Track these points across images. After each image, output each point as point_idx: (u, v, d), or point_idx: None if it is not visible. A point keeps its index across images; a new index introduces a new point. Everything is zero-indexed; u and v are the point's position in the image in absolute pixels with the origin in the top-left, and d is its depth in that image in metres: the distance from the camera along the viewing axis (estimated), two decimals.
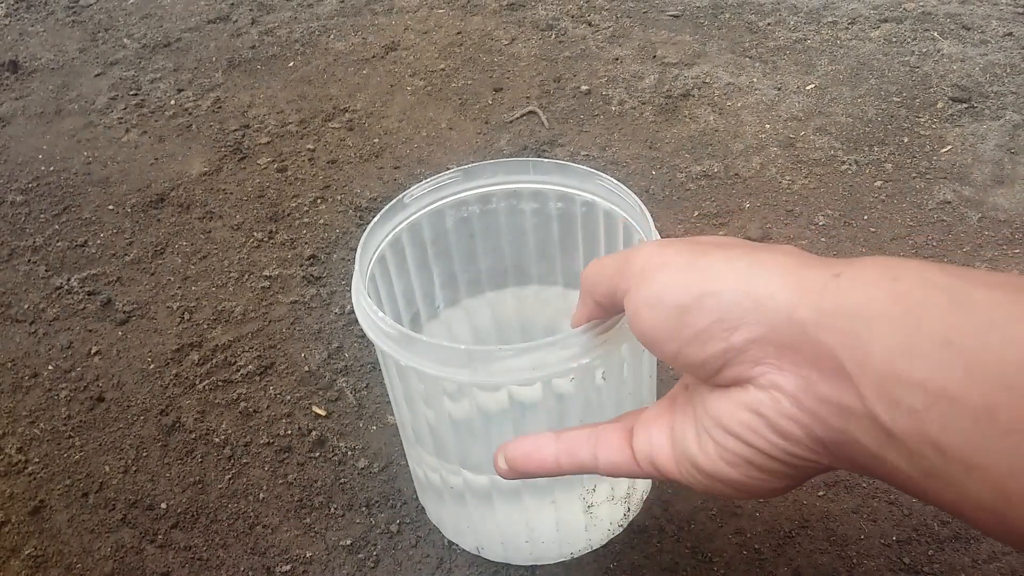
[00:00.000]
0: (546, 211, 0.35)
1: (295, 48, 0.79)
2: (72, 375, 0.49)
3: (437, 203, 0.34)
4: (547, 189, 0.34)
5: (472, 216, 0.35)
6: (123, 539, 0.40)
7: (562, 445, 0.24)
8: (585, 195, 0.34)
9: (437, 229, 0.35)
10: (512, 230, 0.36)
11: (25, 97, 0.75)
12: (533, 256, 0.38)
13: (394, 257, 0.33)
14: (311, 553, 0.38)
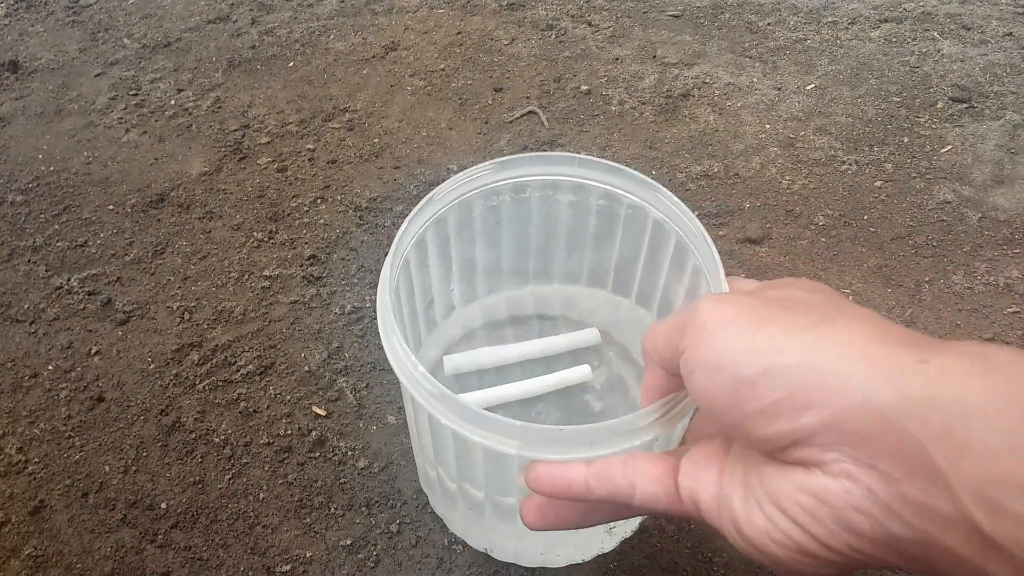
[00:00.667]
0: (586, 205, 0.33)
1: (295, 48, 0.79)
2: (72, 375, 0.49)
3: (467, 194, 0.32)
4: (592, 185, 0.32)
5: (502, 204, 0.33)
6: (123, 539, 0.40)
7: (594, 469, 0.21)
8: (633, 198, 0.32)
9: (463, 219, 0.33)
10: (544, 218, 0.34)
11: (25, 97, 0.75)
12: (562, 246, 0.35)
13: (417, 255, 0.32)
14: (311, 553, 0.38)
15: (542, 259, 0.36)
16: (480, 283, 0.37)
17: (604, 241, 0.34)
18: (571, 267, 0.37)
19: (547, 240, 0.35)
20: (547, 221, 0.34)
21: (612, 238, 0.34)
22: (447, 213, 0.31)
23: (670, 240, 0.31)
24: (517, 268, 0.37)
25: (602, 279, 0.37)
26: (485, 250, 0.35)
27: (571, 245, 0.35)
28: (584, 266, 0.36)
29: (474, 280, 0.37)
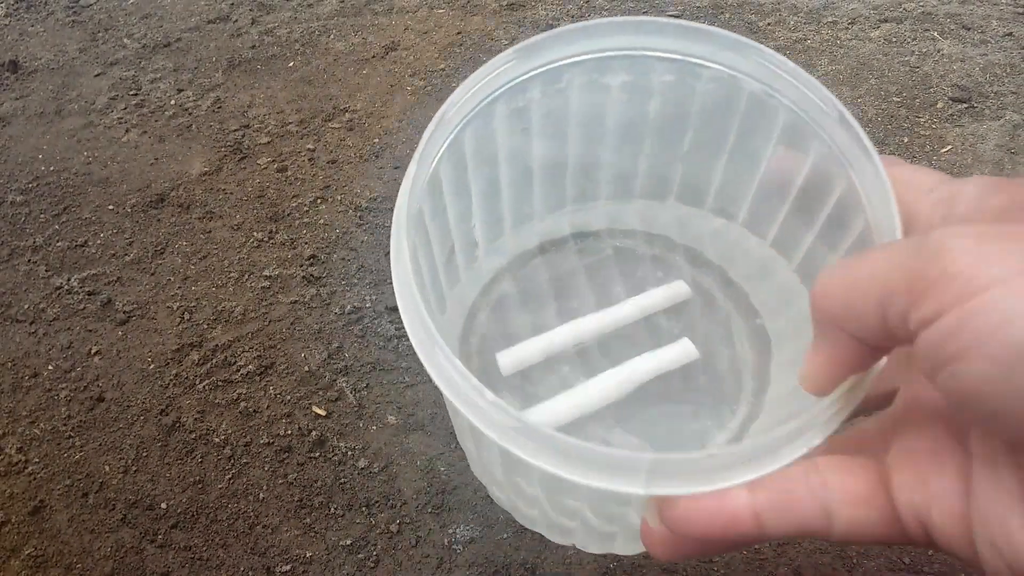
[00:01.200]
0: (644, 85, 0.23)
1: (295, 48, 0.79)
2: (72, 375, 0.49)
3: (485, 100, 0.23)
4: (650, 56, 0.22)
5: (530, 103, 0.24)
6: (123, 539, 0.40)
7: (764, 496, 0.14)
8: (722, 67, 0.22)
9: (481, 133, 0.24)
10: (585, 111, 0.24)
11: (25, 97, 0.75)
12: (610, 147, 0.25)
13: (430, 201, 0.23)
14: (311, 553, 0.38)
15: (584, 169, 0.27)
16: (507, 211, 0.27)
17: (669, 133, 0.25)
18: (623, 173, 0.26)
19: (590, 142, 0.25)
20: (590, 117, 0.25)
21: (682, 128, 0.24)
22: (462, 132, 0.23)
23: (776, 121, 0.21)
24: (552, 184, 0.27)
25: (665, 186, 0.27)
26: (510, 165, 0.26)
27: (623, 143, 0.26)
28: (639, 169, 0.26)
29: (499, 207, 0.27)
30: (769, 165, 0.23)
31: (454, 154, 0.23)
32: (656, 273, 0.27)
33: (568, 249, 0.28)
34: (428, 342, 0.18)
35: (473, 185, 0.25)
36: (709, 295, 0.26)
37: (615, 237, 0.28)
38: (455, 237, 0.26)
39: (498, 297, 0.27)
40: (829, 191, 0.20)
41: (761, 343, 0.25)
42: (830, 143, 0.20)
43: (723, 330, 0.25)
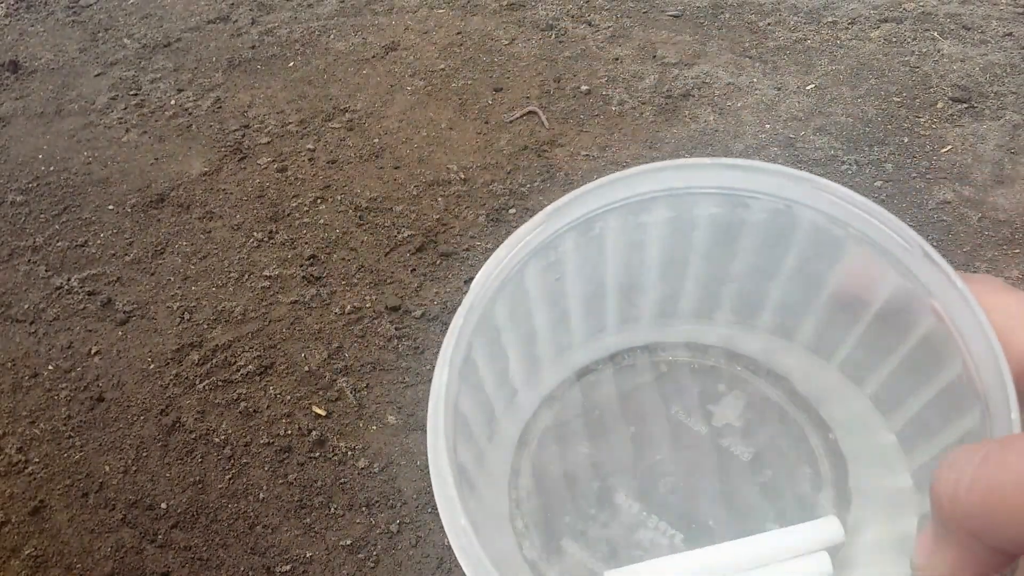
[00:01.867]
0: (687, 218, 0.22)
1: (295, 48, 0.79)
2: (72, 375, 0.49)
3: (513, 270, 0.21)
4: (698, 192, 0.21)
5: (563, 255, 0.23)
6: (123, 539, 0.40)
7: None
8: (775, 198, 0.20)
9: (514, 298, 0.22)
10: (624, 250, 0.23)
11: (25, 97, 0.75)
12: (654, 277, 0.24)
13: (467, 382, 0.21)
14: (311, 553, 0.38)
15: (625, 295, 0.25)
16: (544, 348, 0.25)
17: (718, 257, 0.23)
18: (668, 295, 0.25)
19: (631, 274, 0.24)
20: (629, 252, 0.23)
21: (731, 252, 0.23)
22: (491, 306, 0.21)
23: (841, 250, 0.20)
24: (590, 315, 0.25)
25: (714, 305, 0.25)
26: (547, 313, 0.24)
27: (666, 272, 0.24)
28: (685, 297, 0.25)
29: (536, 350, 0.25)
30: (839, 281, 0.20)
31: (486, 331, 0.21)
32: (717, 386, 0.25)
33: (615, 370, 0.26)
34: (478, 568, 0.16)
35: (508, 346, 0.23)
36: (780, 409, 0.24)
37: (665, 351, 0.25)
38: (493, 399, 0.23)
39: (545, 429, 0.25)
40: (912, 325, 0.18)
41: (837, 462, 0.22)
42: (911, 276, 0.18)
43: (802, 448, 0.23)
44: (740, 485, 0.23)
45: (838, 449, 0.23)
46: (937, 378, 0.18)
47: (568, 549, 0.22)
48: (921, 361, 0.18)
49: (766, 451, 0.23)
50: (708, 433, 0.24)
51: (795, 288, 0.22)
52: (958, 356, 0.16)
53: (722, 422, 0.23)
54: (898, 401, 0.20)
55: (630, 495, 0.23)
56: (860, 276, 0.19)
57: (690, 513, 0.23)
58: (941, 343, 0.17)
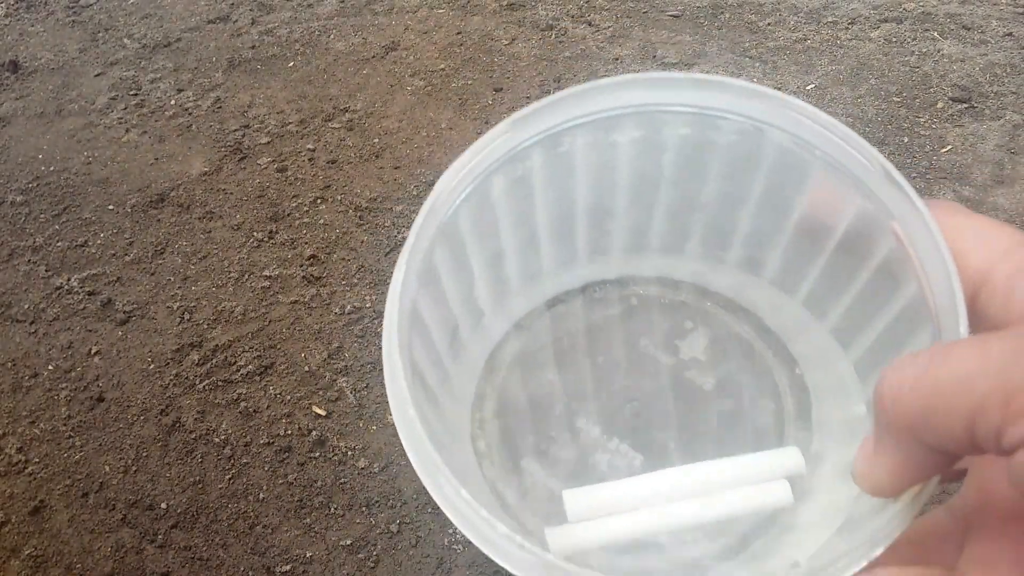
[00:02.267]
0: (657, 140, 0.22)
1: (295, 48, 0.79)
2: (72, 375, 0.49)
3: (480, 178, 0.21)
4: (667, 111, 0.21)
5: (530, 170, 0.23)
6: (123, 539, 0.40)
7: None
8: (745, 119, 0.20)
9: (479, 209, 0.22)
10: (593, 170, 0.23)
11: (25, 97, 0.75)
12: (623, 201, 0.24)
13: (427, 292, 0.21)
14: (311, 553, 0.38)
15: (595, 222, 0.25)
16: (513, 271, 0.26)
17: (687, 185, 0.23)
18: (638, 224, 0.25)
19: (601, 197, 0.24)
20: (598, 173, 0.23)
21: (700, 179, 0.23)
22: (455, 215, 0.21)
23: (808, 172, 0.20)
24: (561, 242, 0.25)
25: (684, 237, 0.25)
26: (514, 232, 0.24)
27: (635, 197, 0.24)
28: (654, 219, 0.25)
29: (504, 272, 0.26)
30: (803, 209, 0.21)
31: (449, 240, 0.21)
32: (685, 323, 0.25)
33: (585, 301, 0.26)
34: (433, 472, 0.16)
35: (473, 261, 0.23)
36: (747, 344, 0.25)
37: (638, 285, 0.26)
38: (458, 315, 0.24)
39: (512, 357, 0.25)
40: (872, 249, 0.19)
41: (801, 395, 0.23)
42: (874, 198, 0.18)
43: (765, 381, 0.24)
44: (702, 413, 0.23)
45: (803, 383, 0.23)
46: (893, 303, 0.18)
47: (528, 469, 0.22)
48: (879, 287, 0.18)
49: (729, 383, 0.23)
50: (674, 365, 0.24)
51: (763, 216, 0.22)
52: (914, 278, 0.16)
53: (688, 356, 0.24)
54: (857, 331, 0.20)
55: (592, 419, 0.23)
56: (825, 200, 0.19)
57: (651, 438, 0.23)
58: (899, 266, 0.17)
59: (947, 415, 0.12)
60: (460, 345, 0.24)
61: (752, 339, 0.24)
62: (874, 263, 0.19)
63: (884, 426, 0.13)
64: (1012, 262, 0.14)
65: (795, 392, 0.23)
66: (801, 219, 0.21)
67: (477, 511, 0.15)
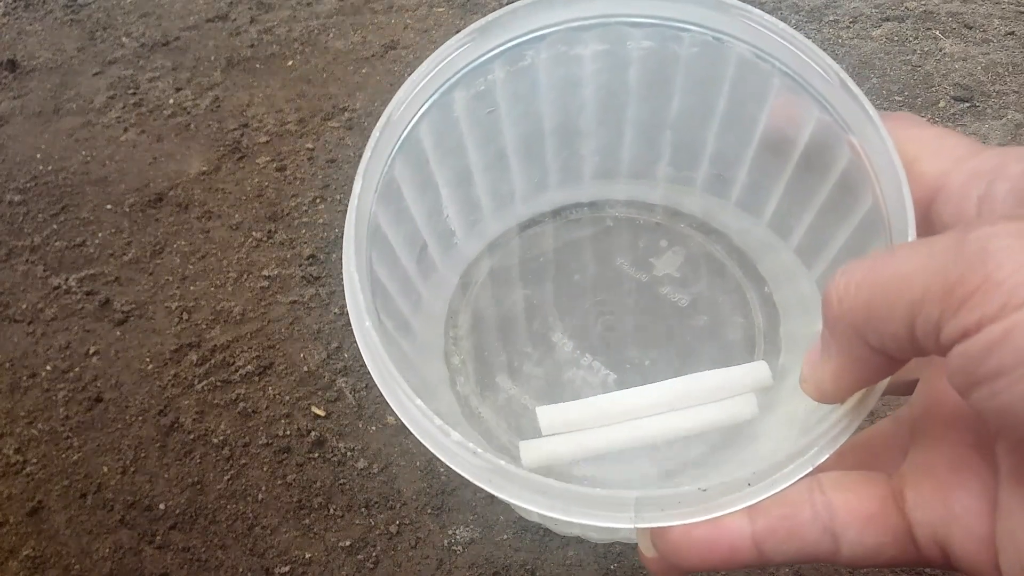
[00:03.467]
0: (620, 53, 0.21)
1: (294, 47, 0.79)
2: (70, 375, 0.49)
3: (439, 91, 0.20)
4: (624, 22, 0.20)
5: (493, 85, 0.21)
6: (121, 540, 0.40)
7: (764, 522, 0.14)
8: (705, 31, 0.19)
9: (441, 125, 0.21)
10: (559, 87, 0.22)
11: (23, 96, 0.75)
12: (590, 120, 0.22)
13: (386, 209, 0.20)
14: (310, 554, 0.38)
15: (565, 142, 0.24)
16: (483, 192, 0.25)
17: (653, 100, 0.22)
18: (608, 144, 0.24)
19: (568, 114, 0.23)
20: (564, 90, 0.22)
21: (666, 95, 0.22)
22: (416, 129, 0.20)
23: (768, 87, 0.19)
24: (530, 163, 0.24)
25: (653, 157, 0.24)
26: (481, 150, 0.23)
27: (604, 116, 0.23)
28: (624, 140, 0.24)
29: (474, 193, 0.25)
30: (766, 124, 0.20)
31: (410, 154, 0.21)
32: (660, 242, 0.25)
33: (557, 222, 0.26)
34: (390, 382, 0.16)
35: (439, 178, 0.22)
36: (719, 263, 0.25)
37: (612, 207, 0.26)
38: (426, 234, 0.23)
39: (485, 275, 0.25)
40: (831, 163, 0.18)
41: (770, 312, 0.24)
42: (831, 110, 0.17)
43: (736, 299, 0.24)
44: (675, 328, 0.23)
45: (772, 301, 0.24)
46: (852, 217, 0.18)
47: (502, 385, 0.23)
48: (838, 202, 0.18)
49: (702, 300, 0.23)
50: (648, 281, 0.24)
51: (730, 132, 0.22)
52: (869, 191, 0.16)
53: (662, 272, 0.24)
54: (819, 248, 0.21)
55: (566, 334, 0.23)
56: (787, 112, 0.19)
57: (624, 354, 0.23)
58: (856, 178, 0.17)
59: (889, 311, 0.12)
60: (430, 264, 0.24)
61: (723, 258, 0.25)
62: (833, 177, 0.18)
63: (830, 328, 0.13)
64: (966, 169, 0.14)
65: (765, 309, 0.24)
66: (764, 132, 0.20)
67: (432, 419, 0.15)
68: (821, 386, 0.14)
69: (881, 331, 0.12)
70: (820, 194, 0.20)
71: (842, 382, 0.14)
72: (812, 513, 0.13)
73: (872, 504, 0.13)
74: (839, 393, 0.14)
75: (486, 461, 0.15)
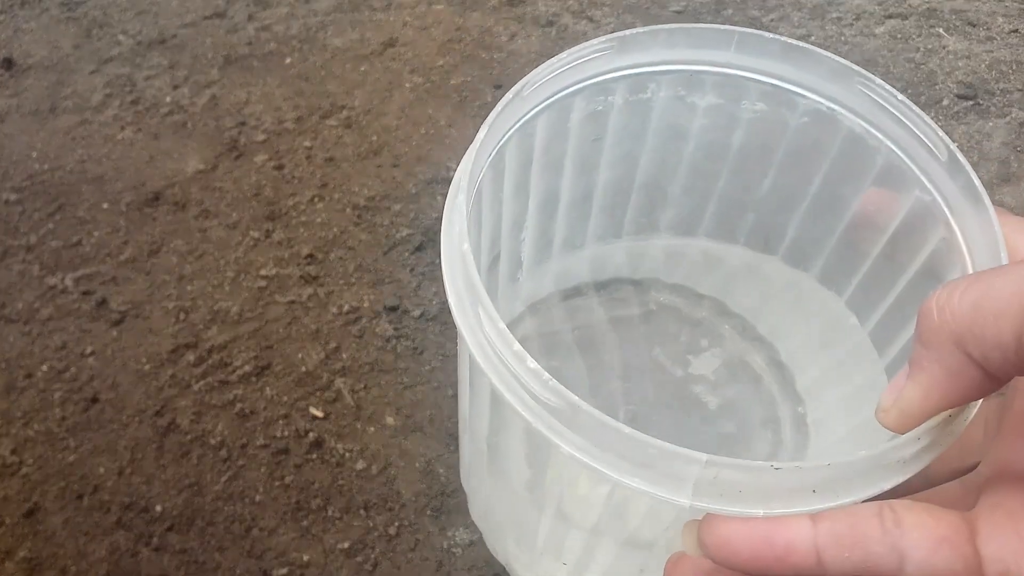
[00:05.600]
0: (732, 112, 0.20)
1: (292, 44, 0.78)
2: (66, 376, 0.49)
3: (568, 90, 0.20)
4: (749, 79, 0.19)
5: (610, 108, 0.21)
6: (118, 542, 0.40)
7: (829, 527, 0.13)
8: (820, 100, 0.19)
9: (555, 129, 0.21)
10: (664, 130, 0.21)
11: (19, 95, 0.75)
12: (682, 179, 0.22)
13: (491, 183, 0.20)
14: (308, 556, 0.38)
15: (648, 199, 0.24)
16: (559, 230, 0.24)
17: (746, 177, 0.22)
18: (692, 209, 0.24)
19: (663, 168, 0.22)
20: (668, 141, 0.22)
21: (766, 162, 0.21)
22: (537, 117, 0.20)
23: (872, 165, 0.18)
24: (611, 211, 0.24)
25: (734, 228, 0.24)
26: (574, 179, 0.23)
27: (693, 183, 0.23)
28: (709, 208, 0.23)
29: (552, 227, 0.24)
30: (858, 208, 0.20)
31: (524, 140, 0.20)
32: (701, 340, 0.25)
33: (605, 297, 0.25)
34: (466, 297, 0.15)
35: (533, 188, 0.22)
36: (755, 373, 0.24)
37: (659, 292, 0.25)
38: (503, 245, 0.23)
39: (522, 336, 0.24)
40: (920, 246, 0.18)
41: (801, 431, 0.23)
42: (932, 190, 0.17)
43: (768, 413, 0.23)
44: (700, 430, 0.23)
45: (804, 423, 0.23)
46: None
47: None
48: (921, 286, 0.18)
49: (733, 407, 0.23)
50: (682, 378, 0.23)
51: (816, 214, 0.21)
52: (959, 270, 0.16)
53: (698, 372, 0.23)
54: (891, 334, 0.20)
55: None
56: (881, 199, 0.18)
57: None
58: (945, 259, 0.16)
59: (997, 317, 0.11)
60: (494, 284, 0.23)
61: (761, 370, 0.24)
62: (919, 262, 0.18)
63: (926, 339, 0.12)
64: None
65: (796, 427, 0.23)
66: (856, 214, 0.20)
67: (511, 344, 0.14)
68: (908, 408, 0.13)
69: (985, 339, 0.12)
70: (901, 280, 0.19)
71: (930, 400, 0.13)
72: (880, 528, 0.12)
73: (945, 527, 0.12)
74: (926, 413, 0.13)
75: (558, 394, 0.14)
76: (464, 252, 0.16)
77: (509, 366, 0.15)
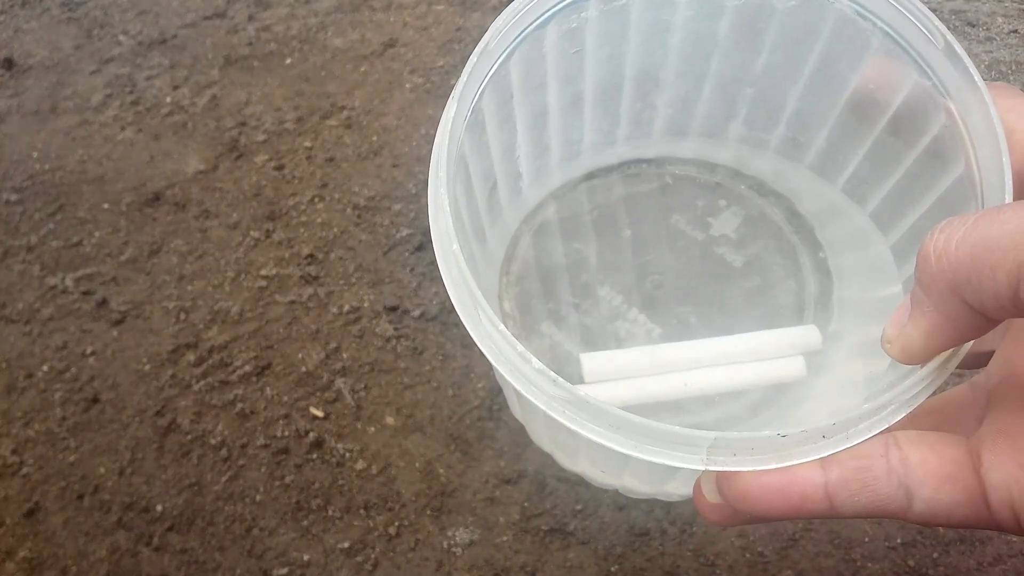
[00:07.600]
0: (716, 2, 0.20)
1: (292, 45, 0.78)
2: (67, 376, 0.49)
3: (535, 23, 0.20)
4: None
5: (585, 23, 0.21)
6: (118, 542, 0.40)
7: (838, 473, 0.14)
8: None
9: (531, 60, 0.21)
10: (647, 30, 0.21)
11: (19, 95, 0.75)
12: (673, 66, 0.22)
13: (471, 138, 0.20)
14: (308, 556, 0.38)
15: (641, 93, 0.23)
16: (554, 136, 0.25)
17: (740, 55, 0.22)
18: (685, 97, 0.23)
19: (651, 62, 0.22)
20: (652, 36, 0.22)
21: (755, 49, 0.21)
22: (508, 60, 0.20)
23: (866, 45, 0.18)
24: (605, 110, 0.24)
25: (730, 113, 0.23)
26: (560, 91, 0.23)
27: (685, 67, 0.22)
28: (702, 101, 0.23)
29: (546, 135, 0.25)
30: (855, 86, 0.19)
31: (499, 85, 0.21)
32: (719, 201, 0.25)
33: (620, 175, 0.26)
34: (471, 307, 0.16)
35: (519, 115, 0.22)
36: (776, 226, 0.25)
37: (673, 165, 0.25)
38: (498, 172, 0.23)
39: (544, 223, 0.25)
40: (922, 129, 0.17)
41: (823, 278, 0.23)
42: (931, 75, 0.17)
43: (790, 263, 0.24)
44: (726, 288, 0.23)
45: (826, 267, 0.24)
46: (938, 183, 0.17)
47: (546, 331, 0.23)
48: (925, 168, 0.18)
49: (756, 262, 0.23)
50: (703, 240, 0.24)
51: (814, 94, 0.21)
52: (962, 157, 0.16)
53: (719, 232, 0.24)
54: (898, 214, 0.20)
55: (615, 288, 0.23)
56: (881, 75, 0.18)
57: (672, 310, 0.23)
58: (949, 145, 0.16)
59: (993, 269, 0.11)
60: (497, 206, 0.24)
61: (781, 222, 0.24)
62: (922, 143, 0.18)
63: (925, 285, 0.13)
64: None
65: (818, 275, 0.24)
66: (852, 95, 0.19)
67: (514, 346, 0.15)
68: (910, 346, 0.14)
69: (982, 289, 0.12)
70: (905, 160, 0.19)
71: (932, 341, 0.13)
72: (888, 467, 0.13)
73: (950, 464, 0.13)
74: (927, 352, 0.14)
75: (566, 391, 0.15)
76: (455, 252, 0.16)
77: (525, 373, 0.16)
